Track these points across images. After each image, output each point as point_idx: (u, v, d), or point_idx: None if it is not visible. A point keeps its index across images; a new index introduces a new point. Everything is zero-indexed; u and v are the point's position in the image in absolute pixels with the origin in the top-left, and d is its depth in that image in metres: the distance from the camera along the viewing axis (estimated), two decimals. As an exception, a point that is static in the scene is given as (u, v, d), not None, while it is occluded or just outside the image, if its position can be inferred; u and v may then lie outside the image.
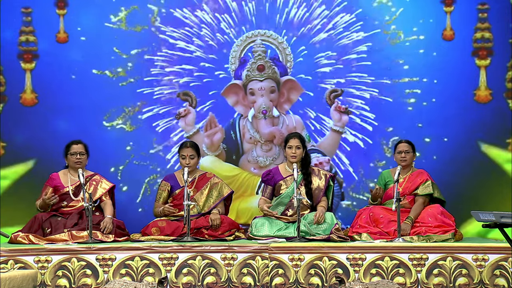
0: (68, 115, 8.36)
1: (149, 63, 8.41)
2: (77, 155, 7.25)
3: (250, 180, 8.44)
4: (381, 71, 8.34)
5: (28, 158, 8.35)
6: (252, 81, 8.44)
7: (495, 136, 8.24)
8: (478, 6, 8.32)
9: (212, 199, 7.36)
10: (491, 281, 6.37)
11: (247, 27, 8.43)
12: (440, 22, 8.32)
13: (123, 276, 6.45)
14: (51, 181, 7.28)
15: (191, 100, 8.44)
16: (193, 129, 8.45)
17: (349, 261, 6.43)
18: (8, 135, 8.36)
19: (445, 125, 8.27)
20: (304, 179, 7.24)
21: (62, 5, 8.41)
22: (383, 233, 6.90)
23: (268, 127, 8.42)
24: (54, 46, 8.39)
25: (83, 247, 6.53)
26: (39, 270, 6.43)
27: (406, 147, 7.36)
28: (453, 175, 8.19)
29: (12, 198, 8.28)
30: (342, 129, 8.39)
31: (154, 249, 6.50)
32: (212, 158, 8.45)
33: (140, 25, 8.41)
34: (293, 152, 7.18)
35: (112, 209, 7.25)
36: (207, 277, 6.47)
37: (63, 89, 8.38)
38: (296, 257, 6.45)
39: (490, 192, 8.19)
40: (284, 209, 7.21)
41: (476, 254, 6.40)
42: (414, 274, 6.39)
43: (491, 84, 8.28)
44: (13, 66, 8.38)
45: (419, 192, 7.24)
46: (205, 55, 8.44)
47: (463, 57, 8.30)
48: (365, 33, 8.34)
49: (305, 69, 8.39)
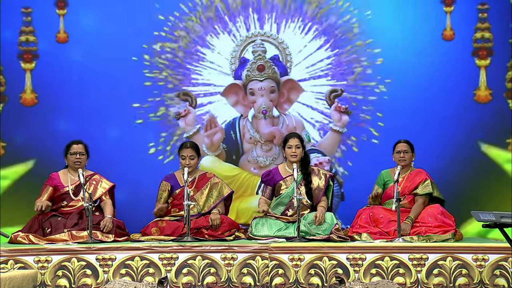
0: (68, 115, 8.36)
1: (149, 63, 8.43)
2: (77, 155, 7.25)
3: (250, 180, 8.44)
4: (381, 71, 8.34)
5: (28, 158, 8.35)
6: (252, 81, 8.44)
7: (495, 136, 8.24)
8: (478, 6, 8.32)
9: (212, 199, 7.36)
10: (491, 281, 6.37)
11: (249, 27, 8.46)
12: (440, 22, 8.32)
13: (123, 276, 6.45)
14: (51, 181, 7.28)
15: (191, 100, 8.44)
16: (193, 129, 8.45)
17: (349, 261, 6.43)
18: (8, 135, 8.36)
19: (445, 125, 8.27)
20: (304, 179, 7.24)
21: (62, 5, 8.41)
22: (383, 233, 6.91)
23: (268, 127, 8.42)
24: (54, 46, 8.39)
25: (83, 247, 6.53)
26: (39, 270, 6.43)
27: (404, 147, 7.36)
28: (453, 175, 8.19)
29: (12, 198, 8.27)
30: (342, 129, 8.38)
31: (154, 249, 6.50)
32: (212, 158, 8.45)
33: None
34: (293, 151, 7.19)
35: (112, 208, 7.25)
36: (207, 277, 6.47)
37: (63, 89, 8.38)
38: (296, 257, 6.45)
39: (490, 192, 8.19)
40: (284, 209, 7.22)
41: (476, 254, 6.40)
42: (414, 274, 6.39)
43: (491, 84, 8.28)
44: (13, 66, 8.38)
45: (419, 192, 7.24)
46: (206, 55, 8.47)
47: (463, 57, 8.30)
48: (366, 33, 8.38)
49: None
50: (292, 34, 8.40)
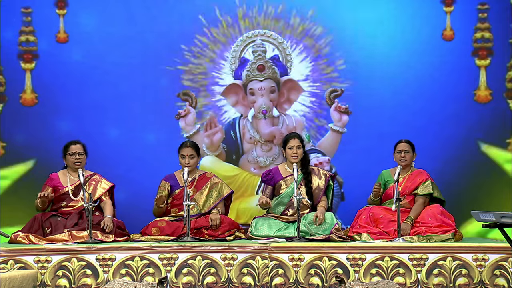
0: (68, 115, 8.36)
1: (150, 62, 8.44)
2: (76, 155, 7.24)
3: (250, 180, 8.44)
4: (382, 71, 8.34)
5: (28, 158, 8.35)
6: (252, 81, 8.44)
7: (495, 136, 8.25)
8: (478, 6, 8.32)
9: (212, 199, 7.36)
10: (491, 281, 6.37)
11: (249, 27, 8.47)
12: (440, 22, 8.32)
13: (123, 276, 6.45)
14: (50, 181, 7.28)
15: (191, 100, 8.44)
16: (193, 129, 8.45)
17: (349, 261, 6.43)
18: (8, 135, 8.36)
19: (445, 125, 8.27)
20: (304, 179, 7.24)
21: (62, 5, 8.41)
22: (383, 233, 6.91)
23: (268, 127, 8.42)
24: (54, 46, 8.40)
25: (83, 247, 6.53)
26: (39, 270, 6.43)
27: (405, 146, 7.35)
28: (453, 175, 8.19)
29: (12, 198, 8.28)
30: (342, 129, 8.39)
31: (154, 249, 6.50)
32: (212, 158, 8.45)
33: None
34: (294, 152, 7.19)
35: (112, 209, 7.24)
36: (207, 277, 6.47)
37: (63, 89, 8.38)
38: (296, 257, 6.45)
39: (490, 192, 8.19)
40: (284, 209, 7.22)
41: (476, 254, 6.40)
42: (414, 274, 6.39)
43: (491, 84, 8.29)
44: (13, 66, 8.38)
45: (419, 192, 7.24)
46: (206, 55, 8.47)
47: (463, 57, 8.31)
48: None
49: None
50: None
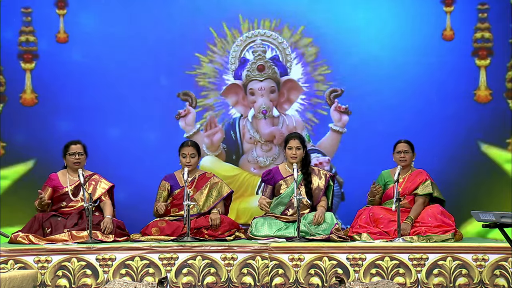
0: (68, 115, 8.36)
1: (150, 62, 8.44)
2: (76, 155, 7.24)
3: (250, 180, 8.45)
4: (382, 71, 8.34)
5: (28, 158, 8.35)
6: (252, 81, 8.44)
7: (495, 136, 8.25)
8: (478, 6, 8.32)
9: (211, 199, 7.36)
10: (491, 281, 6.37)
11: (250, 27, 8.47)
12: (440, 22, 8.32)
13: (123, 276, 6.45)
14: (50, 182, 7.27)
15: (191, 100, 8.45)
16: (193, 129, 8.45)
17: (349, 261, 6.43)
18: (8, 135, 8.36)
19: (445, 125, 8.27)
20: (304, 179, 7.24)
21: (62, 5, 8.42)
22: (383, 233, 6.91)
23: (268, 127, 8.43)
24: (54, 46, 8.40)
25: (83, 247, 6.53)
26: (39, 270, 6.43)
27: (405, 147, 7.35)
28: (453, 175, 8.19)
29: (12, 198, 8.28)
30: (342, 129, 8.39)
31: (154, 249, 6.50)
32: (212, 158, 8.45)
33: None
34: (293, 153, 7.18)
35: (112, 209, 7.24)
36: (207, 277, 6.47)
37: (63, 89, 8.38)
38: (296, 257, 6.45)
39: (490, 192, 8.19)
40: (284, 209, 7.22)
41: (476, 254, 6.40)
42: (414, 274, 6.39)
43: (491, 84, 8.29)
44: (13, 66, 8.38)
45: (419, 192, 7.24)
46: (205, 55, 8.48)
47: (463, 57, 8.31)
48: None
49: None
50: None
